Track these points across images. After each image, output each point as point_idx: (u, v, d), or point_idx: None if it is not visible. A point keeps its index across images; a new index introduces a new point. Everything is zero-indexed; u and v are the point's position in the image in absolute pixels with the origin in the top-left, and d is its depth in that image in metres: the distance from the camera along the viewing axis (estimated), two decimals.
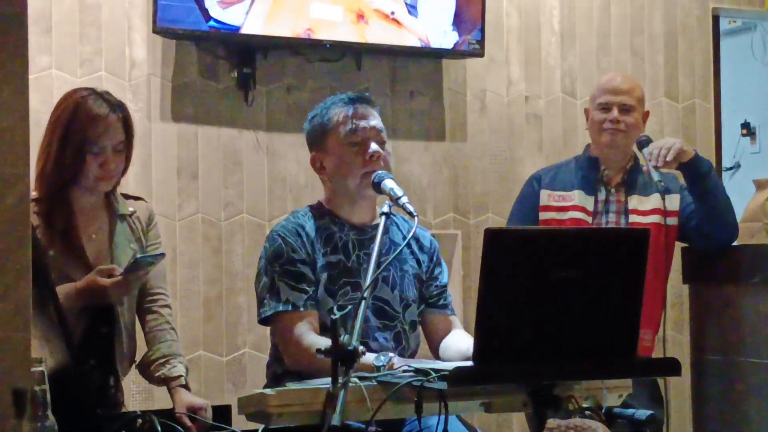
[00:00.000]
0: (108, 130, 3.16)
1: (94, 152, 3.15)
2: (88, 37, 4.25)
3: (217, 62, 4.46)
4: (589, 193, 4.08)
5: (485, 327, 2.42)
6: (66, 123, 3.16)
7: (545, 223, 4.09)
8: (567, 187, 4.10)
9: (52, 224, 3.15)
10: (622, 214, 4.06)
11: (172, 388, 3.21)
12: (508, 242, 2.47)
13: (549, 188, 4.13)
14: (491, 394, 2.64)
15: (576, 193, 4.08)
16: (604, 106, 4.08)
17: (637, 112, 4.11)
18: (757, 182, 4.45)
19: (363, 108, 3.21)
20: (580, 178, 4.11)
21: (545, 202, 4.12)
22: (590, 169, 4.12)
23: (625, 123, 4.06)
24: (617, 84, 4.12)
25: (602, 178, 4.11)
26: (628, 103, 4.08)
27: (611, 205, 4.07)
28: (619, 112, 4.06)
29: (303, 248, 3.14)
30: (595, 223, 4.04)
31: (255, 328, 3.52)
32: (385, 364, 2.80)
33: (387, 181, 3.06)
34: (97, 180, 3.18)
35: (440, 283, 3.33)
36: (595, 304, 2.50)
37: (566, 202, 4.09)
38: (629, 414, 2.76)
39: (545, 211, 4.11)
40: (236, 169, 4.48)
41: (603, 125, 4.07)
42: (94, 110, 3.16)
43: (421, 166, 4.82)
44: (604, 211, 4.07)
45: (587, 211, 4.06)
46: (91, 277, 3.10)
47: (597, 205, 4.07)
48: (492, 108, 4.98)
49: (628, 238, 2.64)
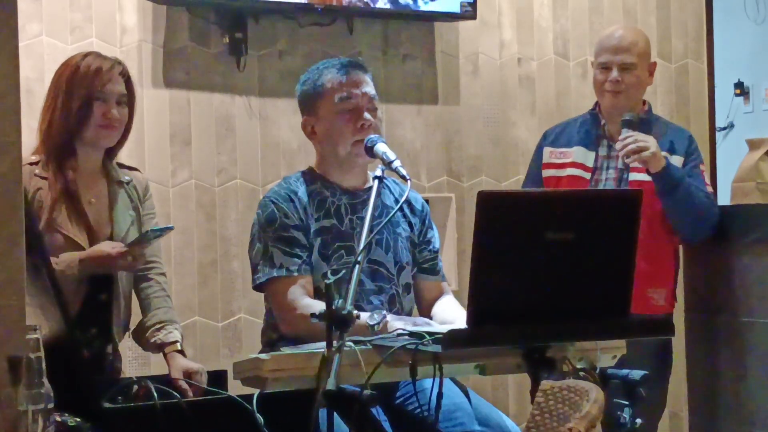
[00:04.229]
0: (111, 80, 3.24)
1: (99, 99, 3.21)
2: (78, 4, 4.23)
3: (209, 27, 4.44)
4: (591, 148, 4.01)
5: (479, 289, 2.43)
6: (69, 78, 3.23)
7: (546, 180, 4.06)
8: (568, 143, 4.05)
9: (56, 185, 3.18)
10: (623, 170, 3.96)
11: (167, 354, 3.22)
12: (500, 205, 2.48)
13: (552, 145, 4.09)
14: (485, 357, 2.65)
15: (576, 150, 4.02)
16: (604, 65, 3.99)
17: (640, 68, 4.00)
18: (750, 142, 4.44)
19: (356, 74, 3.20)
20: (583, 133, 4.05)
21: (547, 159, 4.08)
22: (593, 125, 4.06)
23: (626, 83, 3.96)
24: (616, 41, 4.01)
25: (604, 133, 4.04)
26: (628, 61, 3.97)
27: (611, 160, 3.99)
28: (619, 71, 3.96)
29: (295, 213, 3.15)
30: (594, 180, 3.98)
31: (250, 294, 3.53)
32: (379, 322, 2.81)
33: (380, 144, 3.06)
34: (100, 129, 3.22)
35: (433, 247, 3.33)
36: (588, 266, 2.51)
37: (565, 158, 4.04)
38: (623, 374, 2.77)
39: (547, 168, 4.08)
40: (229, 135, 4.47)
41: (603, 86, 3.99)
42: (96, 63, 3.25)
43: (414, 129, 4.81)
44: (604, 167, 4.00)
45: (586, 168, 3.99)
46: (96, 246, 3.15)
47: (597, 160, 4.00)
48: (485, 71, 4.97)
49: (620, 200, 2.65)
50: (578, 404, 2.73)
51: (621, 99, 3.98)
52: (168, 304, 3.33)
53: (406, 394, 2.98)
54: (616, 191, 3.58)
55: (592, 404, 2.66)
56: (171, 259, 4.23)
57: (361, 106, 3.17)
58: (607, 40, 4.05)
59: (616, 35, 4.06)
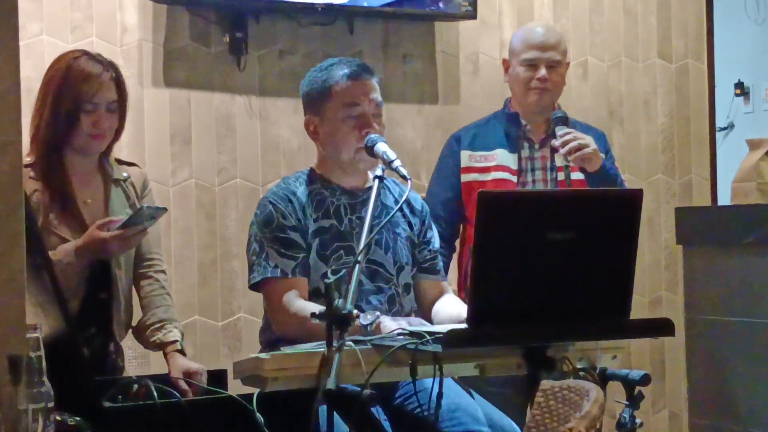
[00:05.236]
0: (101, 88, 3.18)
1: (88, 110, 3.16)
2: (78, 3, 4.23)
3: (209, 27, 4.44)
4: (512, 150, 3.92)
5: (479, 289, 2.43)
6: (59, 83, 3.17)
7: (467, 185, 3.92)
8: (489, 147, 3.94)
9: (49, 187, 3.16)
10: (549, 170, 3.90)
11: (167, 353, 3.22)
12: (501, 205, 2.47)
13: (470, 149, 3.96)
14: (485, 357, 2.65)
15: (498, 153, 3.92)
16: (531, 62, 3.90)
17: (563, 66, 3.95)
18: (751, 142, 4.45)
19: (365, 80, 3.18)
20: (501, 135, 3.94)
21: (466, 163, 3.95)
22: (512, 126, 3.95)
23: (552, 81, 3.90)
24: (544, 39, 3.92)
25: (525, 134, 3.94)
26: (555, 59, 3.90)
27: (536, 161, 3.92)
28: (546, 69, 3.89)
29: (293, 214, 3.14)
30: (521, 182, 3.89)
31: (250, 293, 3.53)
32: (372, 322, 2.81)
33: (380, 144, 3.06)
34: (90, 138, 3.19)
35: (433, 247, 3.33)
36: (589, 266, 2.50)
37: (488, 162, 3.92)
38: (623, 374, 2.78)
39: (467, 173, 3.95)
40: (229, 135, 4.47)
41: (530, 84, 3.89)
42: (86, 69, 3.18)
43: (414, 129, 4.81)
44: (529, 168, 3.91)
45: (511, 170, 3.90)
46: (89, 232, 3.11)
47: (521, 162, 3.91)
48: (485, 70, 4.97)
49: (621, 199, 2.65)
50: (578, 404, 2.74)
51: (547, 97, 3.91)
52: (168, 302, 3.32)
53: (406, 393, 2.98)
54: (617, 191, 3.57)
55: (593, 404, 2.67)
56: (171, 258, 4.23)
57: (367, 113, 3.15)
58: (533, 36, 3.95)
59: (541, 32, 3.98)
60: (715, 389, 4.33)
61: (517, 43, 3.98)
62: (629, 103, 5.24)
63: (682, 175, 5.35)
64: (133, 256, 3.30)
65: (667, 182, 5.28)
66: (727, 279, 4.22)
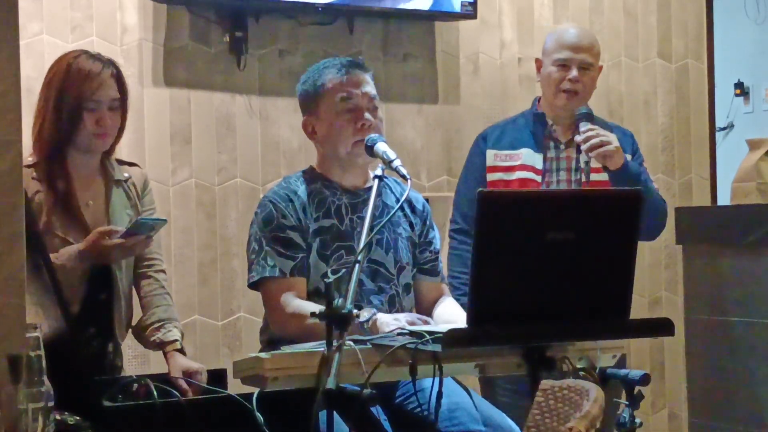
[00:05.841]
0: (102, 85, 3.18)
1: (90, 108, 3.17)
2: (78, 3, 4.23)
3: (209, 26, 4.44)
4: (538, 150, 3.89)
5: (479, 289, 2.43)
6: (60, 82, 3.18)
7: (492, 184, 3.88)
8: (514, 146, 3.90)
9: (52, 189, 3.17)
10: (573, 171, 3.87)
11: (167, 353, 3.22)
12: (501, 204, 2.47)
13: (495, 147, 3.93)
14: (485, 356, 2.65)
15: (523, 152, 3.89)
16: (563, 63, 3.86)
17: (595, 69, 3.92)
18: (751, 142, 4.45)
19: (356, 74, 3.20)
20: (527, 135, 3.91)
21: (492, 162, 3.91)
22: (538, 126, 3.93)
23: (583, 83, 3.86)
24: (577, 40, 3.90)
25: (551, 134, 3.92)
26: (587, 61, 3.87)
27: (561, 162, 3.89)
28: (578, 70, 3.86)
29: (294, 214, 3.14)
30: (545, 182, 3.87)
31: (249, 293, 3.52)
32: (368, 319, 2.81)
33: (380, 144, 3.06)
34: (94, 137, 3.20)
35: (434, 248, 3.33)
36: (589, 266, 2.50)
37: (513, 161, 3.89)
38: (623, 374, 2.78)
39: (492, 172, 3.91)
40: (229, 134, 4.47)
41: (560, 85, 3.85)
42: (87, 67, 3.18)
43: (414, 129, 4.81)
44: (554, 168, 3.89)
45: (536, 170, 3.87)
46: (92, 238, 3.11)
47: (546, 162, 3.88)
48: (485, 70, 4.97)
49: (621, 199, 2.65)
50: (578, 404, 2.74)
51: (576, 100, 3.87)
52: (167, 302, 3.32)
53: (406, 393, 2.98)
54: (617, 191, 3.56)
55: (592, 404, 2.67)
56: (171, 257, 4.23)
57: (361, 106, 3.16)
58: (566, 37, 3.92)
59: (575, 33, 3.95)
60: (715, 389, 4.33)
61: (550, 42, 3.96)
62: (629, 103, 5.25)
63: (682, 175, 5.35)
64: (133, 257, 3.30)
65: (667, 182, 5.28)
66: (727, 279, 4.22)
